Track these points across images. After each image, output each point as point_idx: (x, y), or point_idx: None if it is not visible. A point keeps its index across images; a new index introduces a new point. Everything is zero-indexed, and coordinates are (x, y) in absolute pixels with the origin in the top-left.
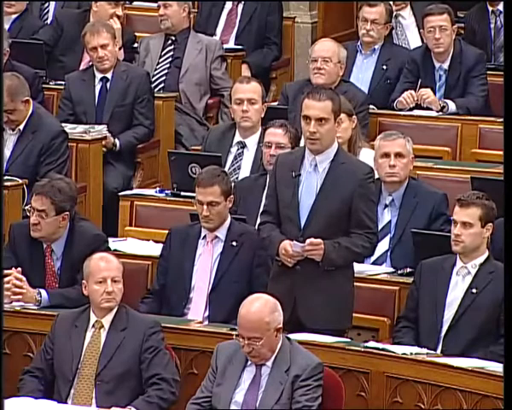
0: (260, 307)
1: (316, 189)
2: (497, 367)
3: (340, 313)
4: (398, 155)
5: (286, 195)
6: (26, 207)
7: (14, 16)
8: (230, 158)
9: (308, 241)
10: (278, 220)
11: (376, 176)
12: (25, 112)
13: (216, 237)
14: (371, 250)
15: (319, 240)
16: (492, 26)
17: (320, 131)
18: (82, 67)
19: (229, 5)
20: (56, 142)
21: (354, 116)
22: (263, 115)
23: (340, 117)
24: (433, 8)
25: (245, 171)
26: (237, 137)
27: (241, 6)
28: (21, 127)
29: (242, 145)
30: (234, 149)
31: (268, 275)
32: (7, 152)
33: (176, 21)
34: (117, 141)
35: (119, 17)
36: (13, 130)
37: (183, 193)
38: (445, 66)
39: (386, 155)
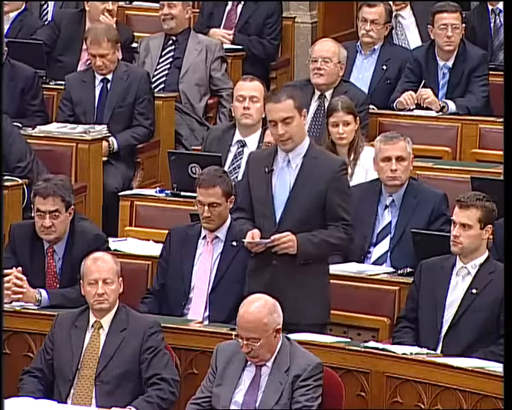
0: (259, 307)
1: (289, 184)
2: (497, 367)
3: (317, 308)
4: (400, 158)
5: (260, 191)
6: (32, 215)
7: (12, 16)
8: (230, 157)
9: (273, 237)
10: (251, 216)
11: (377, 177)
12: None
13: (216, 237)
14: (348, 242)
15: (285, 233)
16: (492, 25)
17: (288, 130)
18: (80, 65)
19: (229, 6)
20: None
21: (358, 117)
22: (264, 115)
23: (347, 119)
24: (445, 6)
25: None
26: (237, 136)
27: (240, 6)
28: None
29: (242, 144)
30: (234, 148)
31: None
32: None
33: (179, 21)
34: (114, 141)
35: (110, 12)
36: None
37: (183, 193)
38: (449, 64)
39: (388, 158)
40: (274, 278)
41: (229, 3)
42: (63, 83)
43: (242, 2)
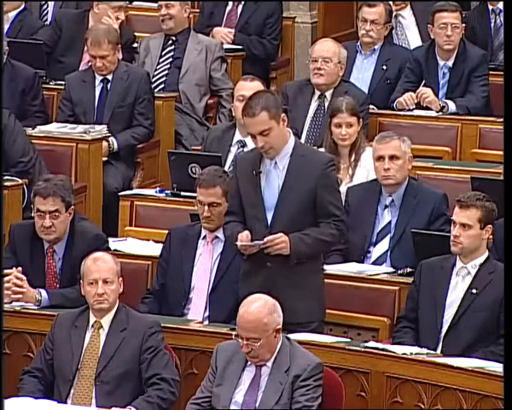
0: (259, 307)
1: (278, 185)
2: (497, 367)
3: (313, 306)
4: (393, 157)
5: (249, 194)
6: (32, 215)
7: (12, 15)
8: (230, 157)
9: (266, 239)
10: (242, 219)
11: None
12: None
13: (216, 237)
14: (340, 237)
15: (278, 234)
16: (492, 24)
17: (268, 141)
18: (82, 66)
19: (230, 6)
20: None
21: (361, 119)
22: None
23: (351, 121)
24: (445, 5)
25: None
26: (237, 136)
27: (240, 7)
28: None
29: (243, 144)
30: (234, 149)
31: None
32: None
33: (178, 21)
34: (114, 141)
35: (118, 19)
36: None
37: (183, 193)
38: (450, 63)
39: (381, 157)
40: (269, 280)
41: (230, 4)
42: (63, 83)
43: (243, 2)
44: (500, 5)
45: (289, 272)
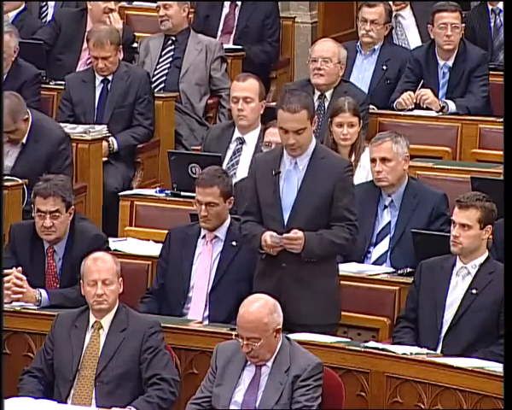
0: (259, 307)
1: (297, 186)
2: (497, 367)
3: (327, 308)
4: (384, 159)
5: (267, 194)
6: (32, 215)
7: (12, 15)
8: (229, 154)
9: (285, 235)
10: (260, 219)
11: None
12: (25, 128)
13: (216, 236)
14: (352, 242)
15: (298, 235)
16: (492, 24)
17: (299, 140)
18: (80, 65)
19: (226, 8)
20: (62, 147)
21: (361, 119)
22: (262, 112)
23: (353, 121)
24: (445, 5)
25: (243, 166)
26: (236, 134)
27: (238, 9)
28: (24, 140)
29: (241, 141)
30: (233, 145)
31: None
32: (9, 164)
33: (176, 22)
34: (114, 141)
35: (112, 11)
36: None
37: (183, 193)
38: (450, 63)
39: (374, 160)
40: (283, 280)
41: (227, 6)
42: (63, 83)
43: (239, 3)
44: (500, 5)
45: (303, 273)
